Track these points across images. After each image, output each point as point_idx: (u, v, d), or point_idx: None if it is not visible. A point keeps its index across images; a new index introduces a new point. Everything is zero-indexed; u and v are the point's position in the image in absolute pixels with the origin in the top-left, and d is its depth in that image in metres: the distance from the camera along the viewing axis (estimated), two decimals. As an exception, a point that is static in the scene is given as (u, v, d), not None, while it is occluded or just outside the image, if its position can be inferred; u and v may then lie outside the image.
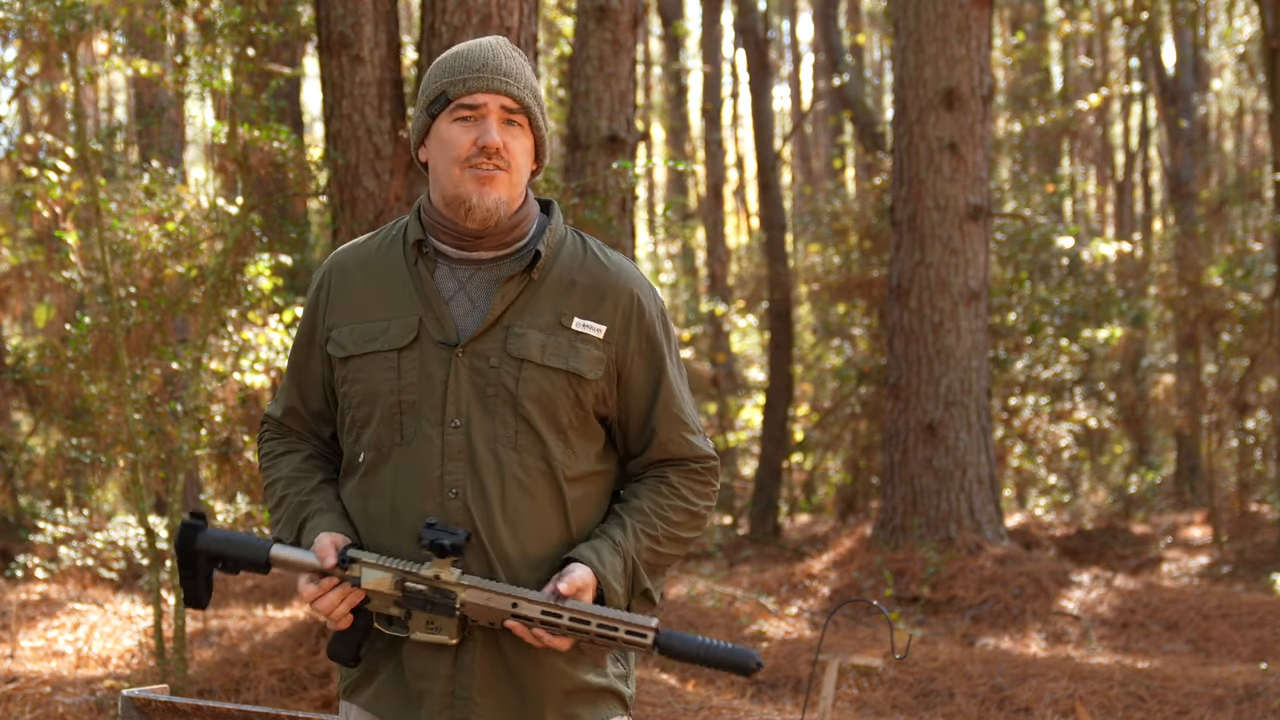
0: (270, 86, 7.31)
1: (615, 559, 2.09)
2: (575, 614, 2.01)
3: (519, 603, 2.03)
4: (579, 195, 6.43)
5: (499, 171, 2.09)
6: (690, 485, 2.21)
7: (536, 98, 2.14)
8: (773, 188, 14.35)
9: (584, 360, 2.11)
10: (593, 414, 2.16)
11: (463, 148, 2.09)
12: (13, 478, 10.53)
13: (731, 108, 23.30)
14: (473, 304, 2.13)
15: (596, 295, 2.15)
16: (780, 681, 6.35)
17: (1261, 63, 13.77)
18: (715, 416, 17.19)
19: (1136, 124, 20.89)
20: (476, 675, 2.08)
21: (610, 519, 2.16)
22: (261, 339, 6.55)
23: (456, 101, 2.10)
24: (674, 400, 2.21)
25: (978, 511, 8.91)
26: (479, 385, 2.09)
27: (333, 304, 2.20)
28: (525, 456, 2.10)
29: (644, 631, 2.01)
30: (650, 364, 2.19)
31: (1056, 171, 18.47)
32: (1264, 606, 7.70)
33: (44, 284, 9.63)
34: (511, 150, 2.10)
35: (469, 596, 2.05)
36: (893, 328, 9.28)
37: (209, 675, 5.99)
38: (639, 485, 2.20)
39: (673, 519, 2.18)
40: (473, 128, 2.10)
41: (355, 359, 2.15)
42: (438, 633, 2.06)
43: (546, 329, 2.11)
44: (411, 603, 2.06)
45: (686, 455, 2.21)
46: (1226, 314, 12.50)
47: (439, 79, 2.13)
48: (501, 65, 2.11)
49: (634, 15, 7.24)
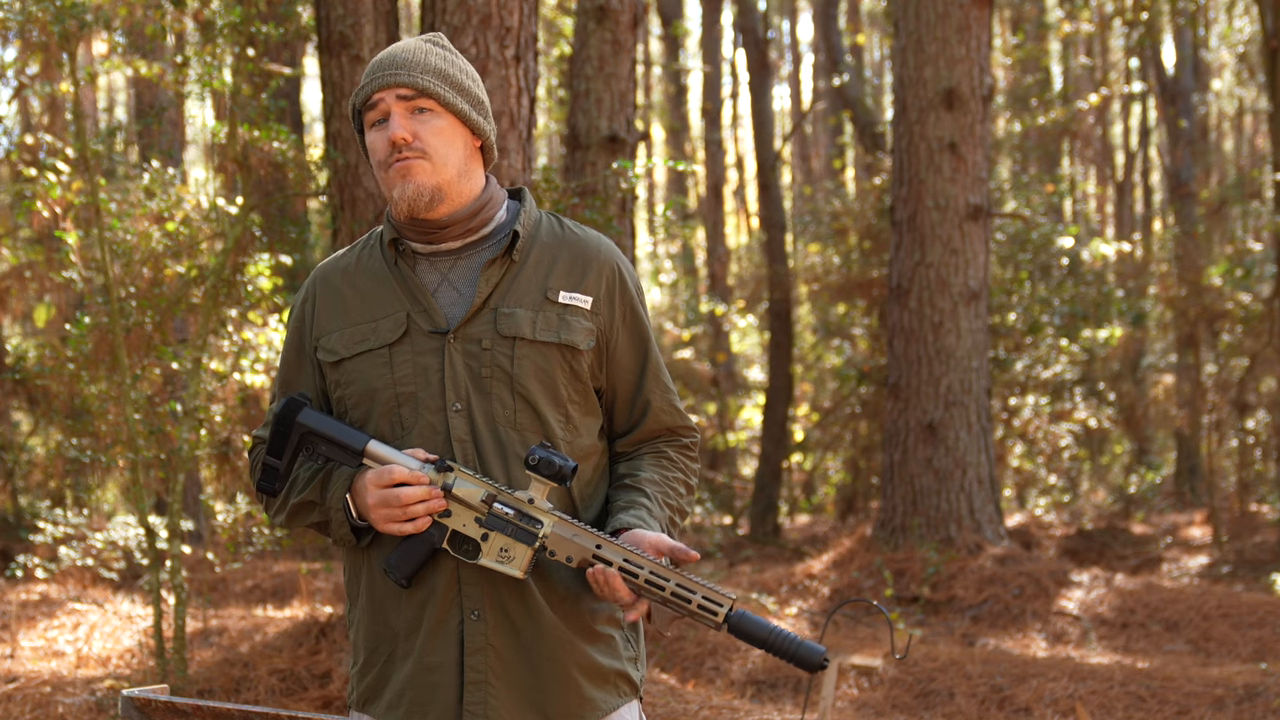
0: (270, 86, 7.30)
1: (655, 524, 2.12)
2: (656, 571, 1.98)
3: (604, 544, 2.01)
4: (579, 195, 6.43)
5: (415, 160, 2.10)
6: (684, 460, 2.26)
7: (443, 76, 2.13)
8: (773, 188, 14.34)
9: (575, 332, 2.13)
10: (591, 387, 2.17)
11: (381, 150, 2.13)
12: (13, 478, 10.53)
13: (731, 108, 23.30)
14: (458, 292, 2.15)
15: (580, 268, 2.18)
16: (780, 681, 6.35)
17: (1261, 63, 13.77)
18: (715, 416, 17.18)
19: (1136, 124, 20.89)
20: (492, 657, 2.07)
21: (627, 493, 2.17)
22: (261, 339, 6.55)
23: (363, 109, 2.15)
24: (661, 370, 2.25)
25: (978, 511, 8.91)
26: (474, 368, 2.10)
27: (319, 314, 2.21)
28: (526, 435, 2.11)
29: (719, 604, 1.97)
30: (635, 335, 2.22)
31: (1056, 171, 18.47)
32: (1264, 606, 7.70)
33: (44, 284, 9.63)
34: (422, 136, 2.10)
35: (555, 528, 2.03)
36: (893, 328, 9.28)
37: (209, 675, 5.99)
38: (638, 460, 2.23)
39: (680, 491, 2.23)
40: (384, 128, 2.13)
41: (348, 361, 2.15)
42: (509, 562, 2.03)
43: (534, 306, 2.13)
44: (494, 524, 2.03)
45: (679, 425, 2.26)
46: (1226, 314, 12.51)
47: (353, 96, 2.18)
48: (396, 59, 2.13)
49: (634, 15, 7.24)
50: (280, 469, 2.14)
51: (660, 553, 2.03)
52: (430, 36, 2.20)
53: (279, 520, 2.22)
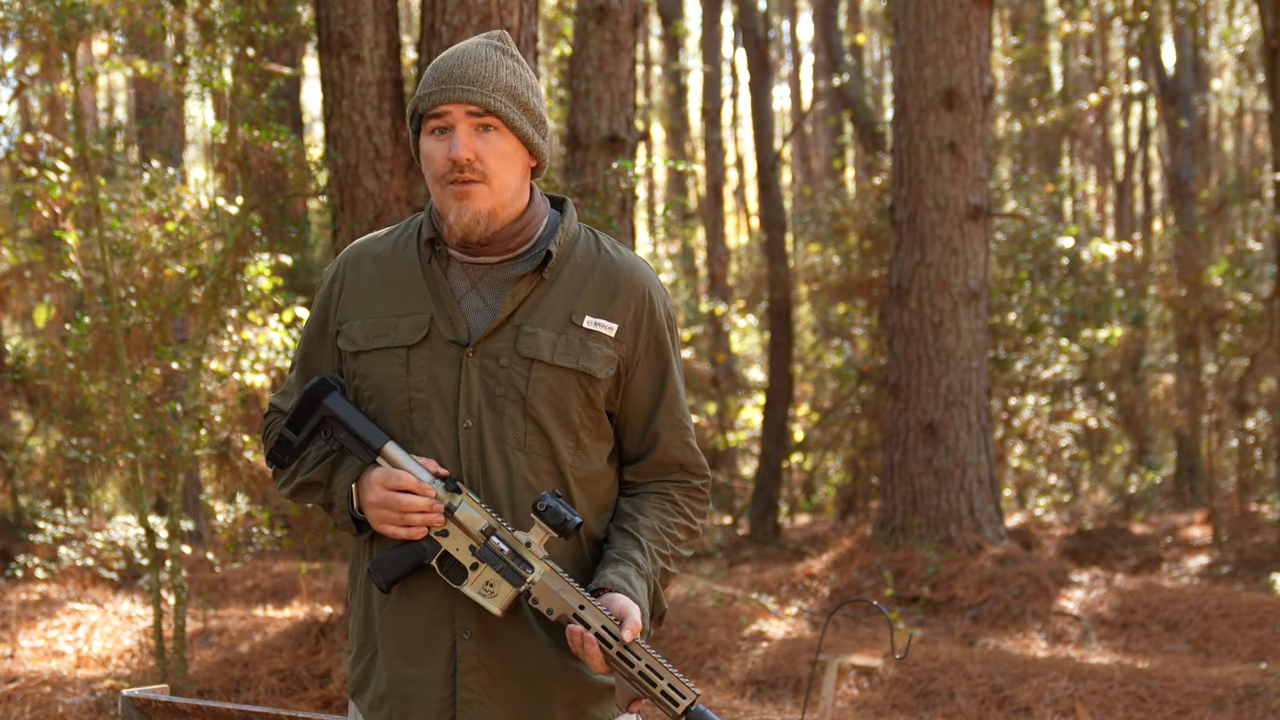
0: (270, 86, 7.30)
1: (641, 583, 2.08)
2: (631, 647, 1.99)
3: (587, 606, 2.00)
4: (579, 195, 6.43)
5: (474, 184, 2.06)
6: (691, 504, 2.21)
7: (513, 96, 2.08)
8: (773, 188, 14.34)
9: (595, 359, 2.09)
10: (604, 414, 2.14)
11: (438, 164, 2.08)
12: (13, 478, 10.53)
13: (731, 108, 23.30)
14: (484, 303, 2.11)
15: (609, 293, 2.13)
16: (780, 681, 6.35)
17: (1261, 63, 13.77)
18: (715, 416, 17.18)
19: (1136, 124, 20.89)
20: (484, 676, 2.06)
21: (622, 538, 2.14)
22: (261, 339, 6.55)
23: (427, 115, 2.10)
24: (677, 404, 2.19)
25: (978, 511, 8.91)
26: (489, 385, 2.08)
27: (345, 297, 2.18)
28: (534, 458, 2.08)
29: (682, 696, 1.99)
30: (656, 366, 2.17)
31: (1056, 171, 18.47)
32: (1264, 606, 7.70)
33: (44, 284, 9.62)
34: (485, 159, 2.06)
35: (544, 578, 2.02)
36: (893, 328, 9.28)
37: (209, 675, 5.99)
38: (643, 501, 2.18)
39: (679, 538, 2.18)
40: (445, 141, 2.08)
41: (365, 354, 2.13)
42: (490, 597, 2.03)
43: (558, 328, 2.09)
44: (486, 556, 2.03)
45: (687, 462, 2.20)
46: (1226, 314, 12.51)
47: (417, 93, 2.13)
48: (468, 72, 2.07)
49: (634, 15, 7.24)
50: (295, 445, 2.14)
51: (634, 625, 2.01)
52: (498, 41, 2.14)
53: (285, 492, 2.22)
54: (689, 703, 1.99)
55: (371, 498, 2.06)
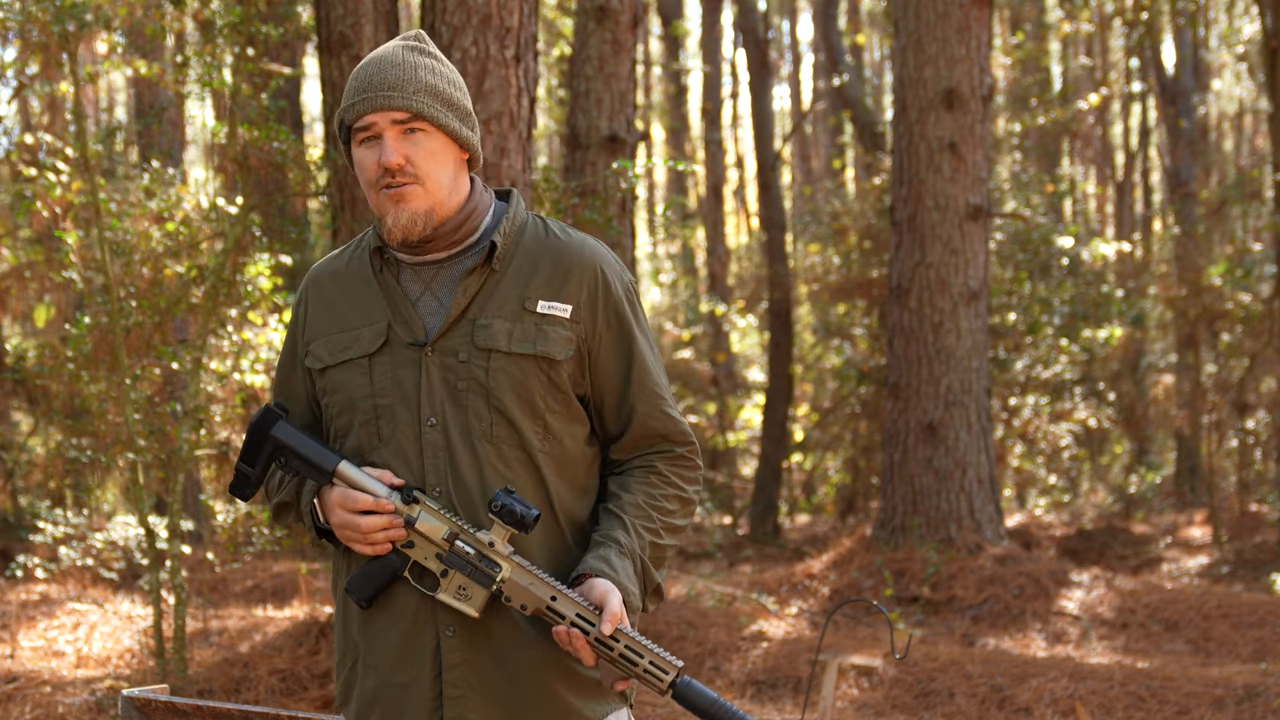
0: (270, 86, 7.30)
1: (625, 562, 2.08)
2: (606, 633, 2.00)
3: (559, 597, 2.02)
4: (579, 195, 6.43)
5: (408, 186, 2.08)
6: (679, 472, 2.21)
7: (435, 95, 2.09)
8: (773, 188, 14.35)
9: (551, 342, 2.10)
10: (572, 396, 2.15)
11: (370, 171, 2.10)
12: (13, 478, 10.53)
13: (731, 108, 23.30)
14: (439, 302, 2.13)
15: (560, 275, 2.14)
16: (780, 681, 6.35)
17: (1261, 63, 13.77)
18: (715, 416, 17.18)
19: (1136, 124, 20.89)
20: (469, 672, 2.07)
21: (607, 518, 2.15)
22: (261, 339, 6.55)
23: (354, 128, 2.12)
24: (648, 375, 2.19)
25: (978, 511, 8.91)
26: (450, 381, 2.09)
27: (310, 319, 2.22)
28: (502, 448, 2.09)
29: (665, 671, 2.00)
30: (620, 340, 2.17)
31: (1056, 171, 18.47)
32: (1264, 606, 7.70)
33: (44, 284, 9.62)
34: (415, 161, 2.08)
35: (512, 574, 2.03)
36: (893, 328, 9.28)
37: (209, 675, 5.99)
38: (627, 478, 2.19)
39: (668, 508, 2.18)
40: (375, 149, 2.10)
41: (331, 369, 2.16)
42: (465, 600, 2.04)
43: (512, 316, 2.10)
44: (454, 562, 2.05)
45: (668, 431, 2.20)
46: (1226, 314, 12.51)
47: (341, 105, 2.14)
48: (388, 78, 2.09)
49: (634, 15, 7.24)
50: (252, 478, 2.16)
51: (611, 611, 2.01)
52: (413, 42, 2.16)
53: (268, 515, 2.26)
54: (672, 677, 2.00)
55: (334, 520, 2.10)
